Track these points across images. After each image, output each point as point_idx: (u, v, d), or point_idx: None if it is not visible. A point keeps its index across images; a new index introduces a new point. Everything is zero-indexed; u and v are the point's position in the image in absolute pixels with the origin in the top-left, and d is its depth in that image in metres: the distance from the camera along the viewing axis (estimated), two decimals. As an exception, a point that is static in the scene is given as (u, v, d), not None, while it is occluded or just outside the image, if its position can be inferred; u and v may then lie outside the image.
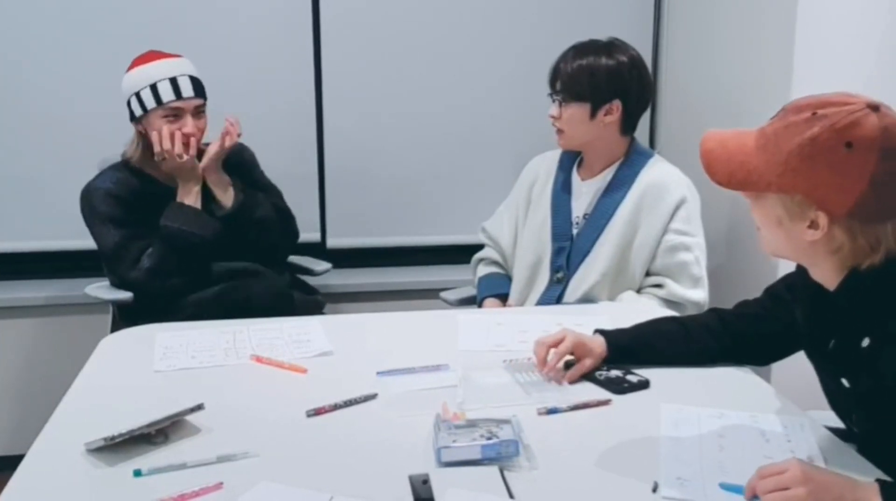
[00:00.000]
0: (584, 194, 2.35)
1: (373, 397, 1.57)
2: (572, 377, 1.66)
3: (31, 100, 2.87)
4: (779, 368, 1.81)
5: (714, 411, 1.51)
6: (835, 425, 1.49)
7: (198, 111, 2.38)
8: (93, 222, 2.39)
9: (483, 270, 2.55)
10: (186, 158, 2.32)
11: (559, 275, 2.33)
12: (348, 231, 3.14)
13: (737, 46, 2.69)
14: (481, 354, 1.80)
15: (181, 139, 2.32)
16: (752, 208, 1.38)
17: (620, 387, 1.61)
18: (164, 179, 2.40)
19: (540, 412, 1.50)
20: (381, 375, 1.67)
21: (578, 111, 2.26)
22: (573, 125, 2.28)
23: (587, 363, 1.67)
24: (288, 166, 2.77)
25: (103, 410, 1.53)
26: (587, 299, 2.27)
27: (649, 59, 3.11)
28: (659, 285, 2.25)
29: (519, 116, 3.08)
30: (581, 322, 1.83)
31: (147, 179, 2.41)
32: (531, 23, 3.07)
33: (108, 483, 1.29)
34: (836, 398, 1.47)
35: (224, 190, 2.43)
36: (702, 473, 1.30)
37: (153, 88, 2.32)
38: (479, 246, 2.59)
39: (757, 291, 1.73)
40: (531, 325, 1.97)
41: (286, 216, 2.59)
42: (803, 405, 1.55)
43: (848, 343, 1.37)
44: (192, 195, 2.36)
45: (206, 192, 2.43)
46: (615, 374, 1.66)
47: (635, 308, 2.12)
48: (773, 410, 1.53)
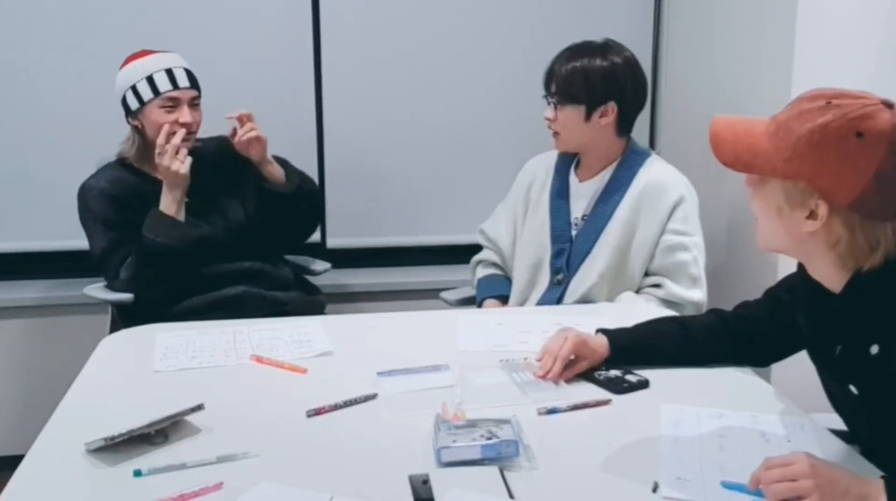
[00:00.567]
0: (583, 195, 2.34)
1: (373, 397, 1.57)
2: (568, 375, 1.65)
3: (30, 100, 2.87)
4: (779, 368, 1.81)
5: (714, 411, 1.51)
6: (837, 427, 1.48)
7: (193, 103, 2.37)
8: (86, 221, 2.39)
9: (482, 271, 2.55)
10: (183, 169, 2.29)
11: (559, 277, 2.33)
12: (348, 231, 3.14)
13: (737, 46, 2.68)
14: (481, 354, 1.80)
15: (182, 135, 2.31)
16: (753, 197, 1.37)
17: (620, 387, 1.61)
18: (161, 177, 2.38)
19: (540, 412, 1.50)
20: (381, 375, 1.67)
21: (573, 113, 2.25)
22: (568, 127, 2.27)
23: (583, 364, 1.67)
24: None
25: (103, 410, 1.53)
26: (586, 299, 2.27)
27: (649, 59, 3.11)
28: (657, 286, 2.25)
29: (519, 117, 3.08)
30: (581, 322, 1.83)
31: (143, 177, 2.41)
32: (531, 23, 3.07)
33: (108, 483, 1.29)
34: (842, 403, 1.45)
35: (279, 172, 2.48)
36: (702, 473, 1.30)
37: (149, 80, 2.32)
38: (479, 246, 2.59)
39: (757, 291, 1.73)
40: (531, 325, 1.97)
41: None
42: (804, 406, 1.54)
43: (855, 350, 1.35)
44: (175, 204, 2.33)
45: (204, 198, 2.42)
46: (614, 374, 1.66)
47: (634, 309, 2.12)
48: (774, 410, 1.53)
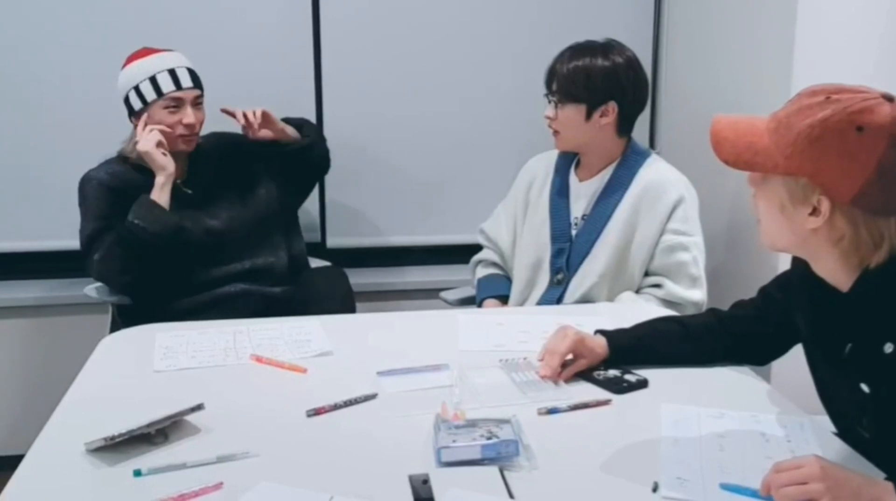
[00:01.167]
0: (583, 195, 2.34)
1: (373, 397, 1.57)
2: (567, 375, 1.65)
3: (31, 99, 2.87)
4: (779, 368, 1.81)
5: (714, 411, 1.51)
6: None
7: (196, 102, 2.38)
8: (81, 209, 2.38)
9: (482, 271, 2.55)
10: (141, 146, 2.29)
11: (559, 277, 2.33)
12: (348, 231, 3.14)
13: (737, 46, 2.68)
14: (482, 354, 1.80)
15: (169, 133, 2.33)
16: (756, 196, 1.37)
17: (620, 387, 1.61)
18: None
19: (540, 412, 1.51)
20: (381, 375, 1.67)
21: (574, 112, 2.25)
22: (569, 126, 2.27)
23: (582, 362, 1.67)
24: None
25: (103, 410, 1.53)
26: (586, 299, 2.27)
27: (649, 59, 3.11)
28: (657, 286, 2.25)
29: (519, 116, 3.08)
30: (581, 322, 1.83)
31: (143, 174, 2.39)
32: (531, 23, 3.07)
33: (108, 483, 1.29)
34: (846, 402, 1.43)
35: (293, 133, 2.55)
36: (702, 473, 1.30)
37: (153, 80, 2.33)
38: (479, 246, 2.59)
39: (756, 291, 1.73)
40: (531, 325, 1.97)
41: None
42: (804, 406, 1.54)
43: (867, 348, 1.33)
44: (159, 191, 2.30)
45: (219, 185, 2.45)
46: (613, 374, 1.66)
47: (634, 309, 2.12)
48: (773, 410, 1.53)
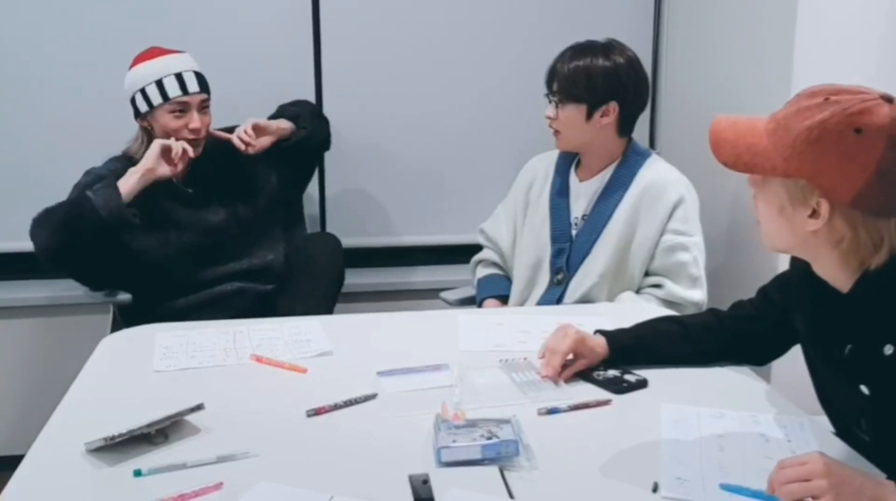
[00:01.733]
0: (583, 195, 2.34)
1: (373, 397, 1.57)
2: (567, 375, 1.66)
3: (32, 99, 2.86)
4: (778, 368, 1.81)
5: (714, 411, 1.51)
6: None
7: (203, 106, 2.38)
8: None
9: (482, 271, 2.55)
10: (160, 171, 2.28)
11: (559, 277, 2.33)
12: (348, 231, 3.13)
13: (737, 46, 2.68)
14: (482, 354, 1.80)
15: (187, 135, 2.33)
16: (756, 198, 1.37)
17: (619, 387, 1.61)
18: (162, 178, 2.35)
19: (540, 413, 1.51)
20: (381, 375, 1.67)
21: (575, 112, 2.25)
22: (569, 126, 2.27)
23: (582, 362, 1.67)
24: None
25: (103, 410, 1.54)
26: (586, 299, 2.27)
27: (649, 59, 3.11)
28: (658, 286, 2.25)
29: (519, 116, 3.08)
30: (581, 322, 1.83)
31: None
32: (531, 22, 3.07)
33: (108, 483, 1.29)
34: (845, 403, 1.43)
35: (288, 127, 2.54)
36: (702, 473, 1.30)
37: (159, 84, 2.32)
38: (479, 246, 2.59)
39: (756, 291, 1.73)
40: (531, 325, 1.97)
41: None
42: (804, 406, 1.54)
43: (867, 349, 1.33)
44: (129, 185, 2.25)
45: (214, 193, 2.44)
46: (613, 374, 1.66)
47: (634, 309, 2.12)
48: (773, 410, 1.53)
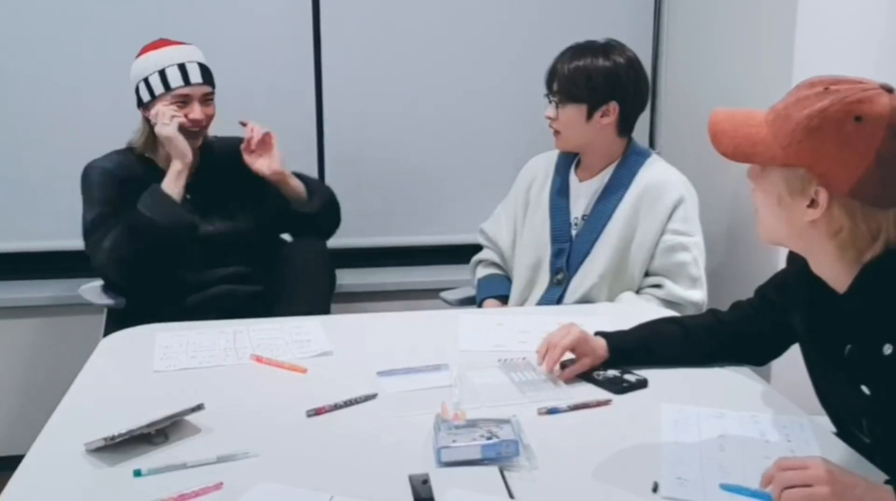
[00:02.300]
0: (583, 195, 2.34)
1: (373, 397, 1.57)
2: (569, 375, 1.66)
3: (30, 99, 2.86)
4: (778, 368, 1.81)
5: (714, 411, 1.51)
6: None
7: (206, 99, 2.37)
8: (83, 197, 2.35)
9: (482, 271, 2.55)
10: (165, 131, 2.28)
11: (559, 277, 2.33)
12: (348, 231, 3.12)
13: (737, 46, 2.68)
14: (481, 354, 1.80)
15: (187, 124, 2.32)
16: (755, 189, 1.37)
17: (619, 387, 1.62)
18: (166, 166, 2.35)
19: (540, 412, 1.51)
20: (381, 375, 1.67)
21: (575, 112, 2.25)
22: (570, 127, 2.27)
23: (586, 362, 1.67)
24: (288, 166, 2.76)
25: (103, 410, 1.54)
26: (587, 299, 2.27)
27: (649, 59, 3.11)
28: (658, 286, 2.25)
29: (519, 116, 3.08)
30: (581, 322, 1.82)
31: (149, 165, 2.38)
32: (530, 22, 3.07)
33: (108, 483, 1.29)
34: (845, 403, 1.42)
35: (300, 188, 2.46)
36: (702, 473, 1.30)
37: (161, 74, 2.31)
38: (479, 246, 2.59)
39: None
40: (531, 325, 1.97)
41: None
42: (804, 406, 1.54)
43: (867, 349, 1.33)
44: (172, 181, 2.28)
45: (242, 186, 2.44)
46: (613, 374, 1.66)
47: (635, 309, 2.12)
48: (773, 410, 1.52)
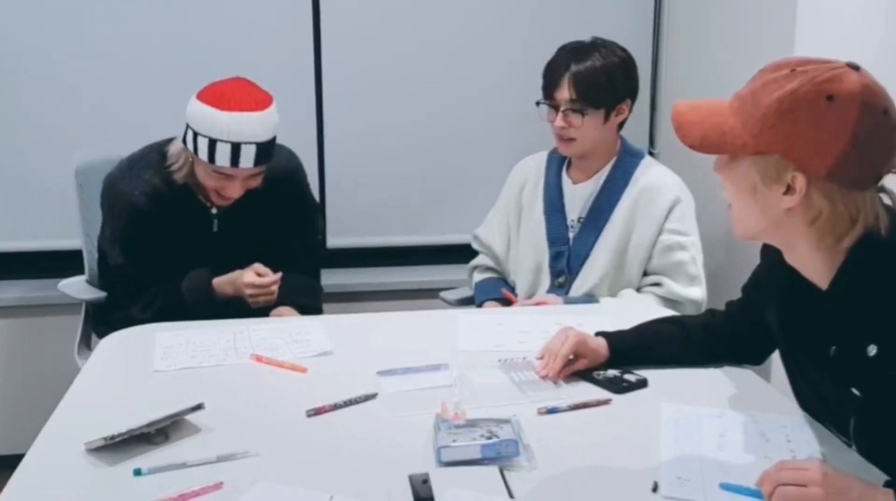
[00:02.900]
0: (577, 197, 2.33)
1: (373, 397, 1.58)
2: (567, 372, 1.65)
3: (13, 97, 2.84)
4: (779, 368, 1.81)
5: (714, 411, 1.51)
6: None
7: (254, 175, 2.13)
8: (103, 214, 2.27)
9: (479, 276, 2.54)
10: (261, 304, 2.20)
11: (560, 279, 2.33)
12: (348, 231, 3.14)
13: (737, 47, 2.68)
14: (481, 354, 1.80)
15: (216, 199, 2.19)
16: (724, 181, 1.33)
17: (620, 387, 1.62)
18: (203, 197, 2.23)
19: (540, 412, 1.51)
20: (381, 375, 1.67)
21: (597, 117, 2.21)
22: (589, 132, 2.22)
23: (583, 361, 1.67)
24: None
25: (103, 410, 1.53)
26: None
27: (649, 59, 3.11)
28: (657, 285, 2.25)
29: (518, 117, 3.07)
30: (581, 322, 1.83)
31: (184, 194, 2.21)
32: (529, 23, 3.07)
33: (108, 482, 1.29)
34: (830, 404, 1.41)
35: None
36: (702, 473, 1.30)
37: (211, 144, 2.03)
38: (478, 248, 2.59)
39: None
40: (531, 325, 1.97)
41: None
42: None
43: (851, 350, 1.31)
44: (230, 289, 2.20)
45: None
46: (613, 374, 1.66)
47: (635, 308, 2.12)
48: (773, 410, 1.52)
